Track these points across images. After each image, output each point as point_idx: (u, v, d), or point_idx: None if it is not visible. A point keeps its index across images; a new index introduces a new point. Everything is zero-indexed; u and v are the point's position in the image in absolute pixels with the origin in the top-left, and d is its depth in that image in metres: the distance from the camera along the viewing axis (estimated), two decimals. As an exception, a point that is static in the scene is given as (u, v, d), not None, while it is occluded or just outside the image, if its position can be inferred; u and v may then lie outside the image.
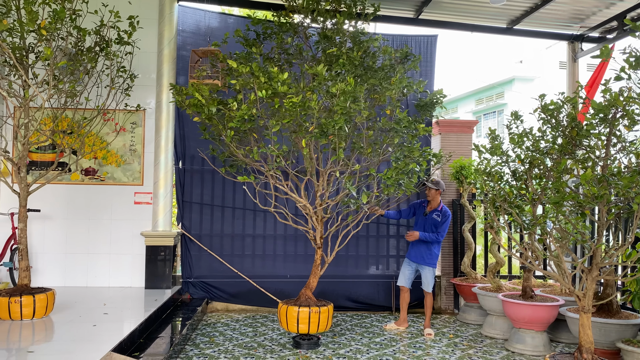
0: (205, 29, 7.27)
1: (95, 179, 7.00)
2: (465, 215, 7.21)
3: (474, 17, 7.56)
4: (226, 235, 7.29)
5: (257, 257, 7.32)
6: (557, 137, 4.16)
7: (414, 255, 6.34)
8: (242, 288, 7.14)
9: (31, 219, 6.62)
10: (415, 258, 6.32)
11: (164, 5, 6.93)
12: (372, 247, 7.46)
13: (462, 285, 6.86)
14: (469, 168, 6.90)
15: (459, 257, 7.32)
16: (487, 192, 4.59)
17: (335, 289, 7.19)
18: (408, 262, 6.41)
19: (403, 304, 6.47)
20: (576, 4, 6.97)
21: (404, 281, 6.41)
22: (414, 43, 7.54)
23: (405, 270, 6.42)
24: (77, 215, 6.95)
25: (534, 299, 5.71)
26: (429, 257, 6.24)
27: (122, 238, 6.99)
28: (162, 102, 6.89)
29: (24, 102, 5.06)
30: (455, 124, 7.67)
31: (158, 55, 6.95)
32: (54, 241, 6.91)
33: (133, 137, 7.06)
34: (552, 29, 7.83)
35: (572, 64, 7.86)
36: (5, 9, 4.95)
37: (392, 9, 7.44)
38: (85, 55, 5.45)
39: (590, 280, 4.30)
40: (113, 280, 6.96)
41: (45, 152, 6.89)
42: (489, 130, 4.78)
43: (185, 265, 7.17)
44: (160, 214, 6.89)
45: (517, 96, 23.95)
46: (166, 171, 6.93)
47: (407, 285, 6.40)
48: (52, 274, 6.87)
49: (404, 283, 6.41)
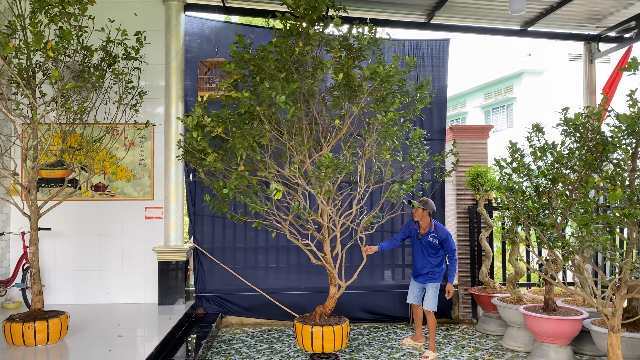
0: (214, 39, 7.14)
1: (105, 195, 6.91)
2: (482, 223, 7.06)
3: (487, 20, 7.39)
4: (239, 247, 7.18)
5: (271, 270, 7.21)
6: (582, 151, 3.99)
7: (418, 274, 6.04)
8: (256, 301, 7.04)
9: (42, 237, 6.56)
10: (419, 278, 6.04)
11: (171, 17, 6.81)
12: (387, 257, 7.33)
13: (480, 295, 6.72)
14: (485, 175, 6.75)
15: (477, 265, 7.18)
16: (509, 207, 4.44)
17: (351, 301, 7.06)
18: (414, 281, 6.14)
19: (417, 320, 6.26)
20: (593, 5, 6.78)
21: (412, 299, 6.15)
22: (426, 47, 7.37)
23: (414, 288, 6.15)
24: (88, 232, 6.88)
25: (556, 312, 5.56)
26: (433, 273, 5.93)
27: (134, 254, 6.91)
28: (171, 115, 6.78)
29: (32, 124, 4.97)
30: (469, 130, 7.51)
31: (166, 68, 6.84)
32: (66, 258, 6.84)
33: (142, 151, 6.97)
34: (568, 30, 7.63)
35: (588, 65, 7.65)
36: (11, 30, 4.85)
37: (403, 14, 7.28)
38: (92, 74, 5.34)
39: (619, 299, 4.15)
40: (126, 296, 6.88)
41: (54, 168, 6.81)
42: (509, 144, 4.63)
43: (198, 280, 7.07)
44: (172, 228, 6.79)
45: (526, 90, 23.68)
46: (177, 185, 6.83)
47: (416, 302, 6.13)
48: (64, 292, 6.81)
49: (413, 301, 6.15)
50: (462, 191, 7.26)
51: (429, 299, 5.90)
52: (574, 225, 4.45)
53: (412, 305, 6.23)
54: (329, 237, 5.57)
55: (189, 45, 7.07)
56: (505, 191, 4.33)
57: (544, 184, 4.52)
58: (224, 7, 7.19)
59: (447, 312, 7.25)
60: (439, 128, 7.34)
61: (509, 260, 6.45)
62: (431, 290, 5.91)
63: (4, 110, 4.70)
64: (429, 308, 5.87)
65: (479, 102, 27.16)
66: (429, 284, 5.95)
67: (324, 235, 5.56)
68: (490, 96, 26.47)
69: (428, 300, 5.90)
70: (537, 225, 4.18)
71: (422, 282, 6.02)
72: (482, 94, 27.13)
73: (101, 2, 6.73)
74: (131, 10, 6.77)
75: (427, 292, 5.95)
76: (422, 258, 5.99)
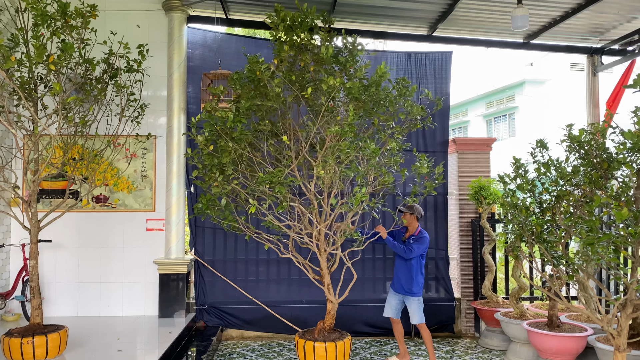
0: (216, 50, 7.13)
1: (106, 206, 6.89)
2: (485, 236, 7.02)
3: (489, 33, 7.38)
4: (240, 259, 7.14)
5: (272, 282, 7.16)
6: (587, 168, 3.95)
7: (397, 284, 5.79)
8: (257, 314, 6.99)
9: (43, 248, 6.52)
10: (398, 288, 5.78)
11: (173, 29, 6.81)
12: (389, 269, 7.27)
13: (483, 310, 6.66)
14: (488, 188, 6.71)
15: (479, 279, 7.12)
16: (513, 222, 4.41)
17: (352, 314, 7.01)
18: (392, 292, 5.91)
19: (398, 335, 5.92)
20: (596, 19, 6.76)
21: (390, 312, 5.85)
22: (428, 60, 7.36)
23: (392, 301, 5.85)
24: (89, 244, 6.85)
25: (560, 328, 5.50)
26: (411, 285, 5.65)
27: (135, 266, 6.87)
28: (172, 127, 6.77)
29: (33, 137, 4.95)
30: (472, 142, 7.48)
31: (168, 79, 6.83)
32: (66, 270, 6.81)
33: (144, 162, 6.95)
34: (571, 42, 7.61)
35: (591, 78, 7.63)
36: (13, 43, 4.85)
37: (406, 27, 7.27)
38: (94, 87, 5.33)
39: (625, 318, 4.10)
40: (126, 309, 6.83)
41: (55, 180, 6.78)
42: (513, 159, 4.60)
43: (199, 292, 7.02)
44: (172, 240, 6.76)
45: (528, 99, 23.67)
46: (178, 196, 6.80)
47: (394, 316, 5.88)
48: (64, 304, 6.77)
49: (391, 314, 5.84)
50: (464, 204, 7.22)
51: (413, 312, 5.68)
52: (577, 240, 4.41)
53: (392, 320, 5.93)
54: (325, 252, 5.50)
55: (192, 56, 7.06)
56: (509, 207, 4.29)
57: (548, 200, 4.48)
58: (226, 19, 7.19)
59: (449, 326, 7.19)
60: (441, 140, 7.31)
61: (512, 275, 6.40)
62: (413, 304, 5.69)
63: (4, 123, 4.68)
64: (417, 321, 5.66)
65: (481, 111, 27.14)
66: (409, 297, 5.71)
67: (320, 250, 5.51)
68: (492, 105, 26.45)
69: (413, 315, 5.69)
70: (542, 242, 4.14)
71: (401, 292, 5.76)
72: (484, 103, 27.11)
73: (104, 14, 6.73)
74: (134, 22, 6.77)
75: (409, 308, 5.73)
76: (401, 264, 5.75)
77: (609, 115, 4.38)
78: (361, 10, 6.78)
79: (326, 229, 5.33)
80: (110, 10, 6.84)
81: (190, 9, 6.90)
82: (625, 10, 6.46)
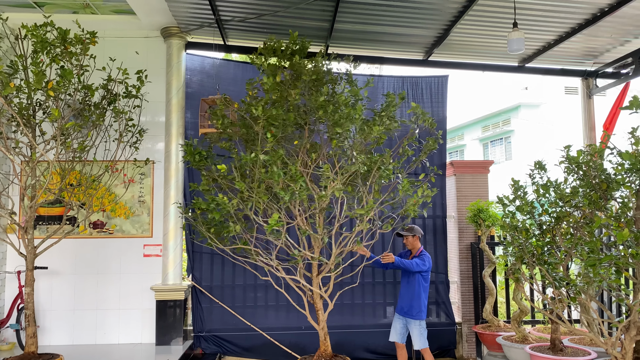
0: (214, 75, 7.18)
1: (103, 232, 6.84)
2: (484, 259, 6.98)
3: (484, 57, 7.46)
4: (238, 285, 7.06)
5: (270, 308, 7.07)
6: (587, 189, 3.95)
7: (400, 307, 5.79)
8: (256, 341, 6.87)
9: (38, 275, 6.43)
10: (400, 311, 5.77)
11: (172, 55, 6.87)
12: (389, 294, 7.20)
13: (485, 334, 6.57)
14: (487, 211, 6.70)
15: (480, 303, 7.05)
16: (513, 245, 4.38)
17: (353, 340, 6.91)
18: (397, 316, 5.86)
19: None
20: (589, 42, 6.86)
21: (395, 336, 5.80)
22: (424, 84, 7.43)
23: (397, 325, 5.81)
24: (86, 270, 6.77)
25: (564, 352, 5.41)
26: (412, 307, 5.63)
27: (132, 292, 6.79)
28: (171, 152, 6.77)
29: (31, 163, 4.94)
30: (470, 165, 7.51)
31: (166, 105, 6.85)
32: (62, 297, 6.72)
33: (142, 187, 6.93)
34: (565, 66, 7.70)
35: (586, 100, 7.69)
36: (13, 70, 4.87)
37: (402, 52, 7.36)
38: (93, 112, 5.35)
39: (629, 341, 4.05)
40: (123, 336, 6.73)
41: (53, 206, 6.74)
42: (511, 181, 4.60)
43: (197, 319, 6.93)
44: (170, 266, 6.69)
45: (523, 123, 23.84)
46: (176, 222, 6.75)
47: (400, 340, 5.81)
48: (60, 332, 6.66)
49: (396, 338, 5.79)
50: (464, 227, 7.19)
51: (416, 337, 5.63)
52: (578, 262, 4.38)
53: (396, 345, 5.85)
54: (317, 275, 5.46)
55: (190, 82, 7.11)
56: (509, 229, 4.27)
57: (547, 222, 4.47)
58: (224, 46, 7.26)
59: (450, 351, 7.09)
60: (439, 163, 7.32)
61: (513, 298, 6.33)
62: (415, 329, 5.63)
63: (2, 149, 4.68)
64: (419, 346, 5.61)
65: (477, 134, 27.31)
66: (410, 321, 5.66)
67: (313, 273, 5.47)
68: (488, 129, 26.62)
69: (415, 340, 5.64)
70: (542, 264, 4.11)
71: (403, 315, 5.73)
72: (480, 127, 27.29)
73: (103, 41, 6.78)
74: (132, 48, 6.84)
75: (411, 332, 5.68)
76: (405, 286, 5.75)
77: (606, 137, 4.40)
78: (358, 36, 6.86)
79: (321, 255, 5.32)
80: (109, 37, 6.90)
81: (189, 35, 6.97)
82: (619, 34, 6.55)
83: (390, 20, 6.27)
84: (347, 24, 6.44)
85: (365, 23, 6.40)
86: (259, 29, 6.81)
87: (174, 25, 6.79)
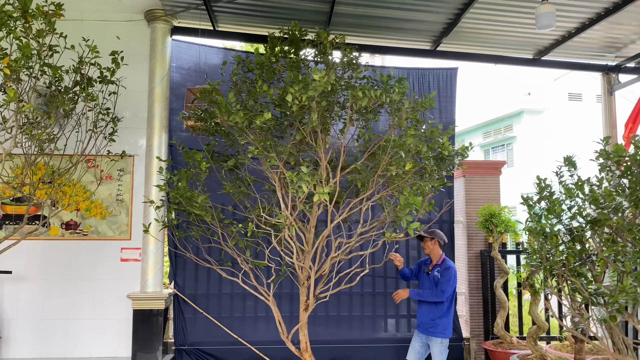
0: (202, 64, 6.58)
1: (77, 234, 6.20)
2: (496, 268, 6.35)
3: (497, 48, 6.87)
4: (224, 294, 6.43)
5: (260, 320, 6.44)
6: (635, 188, 3.32)
7: (419, 322, 5.17)
8: (243, 356, 6.22)
9: (2, 280, 5.83)
10: (421, 328, 5.13)
11: (156, 40, 6.26)
12: (390, 305, 6.57)
13: (496, 352, 5.95)
14: (499, 215, 6.09)
15: (490, 316, 6.43)
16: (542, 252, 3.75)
17: (351, 356, 6.30)
18: (416, 333, 5.23)
19: None
20: (612, 31, 6.27)
21: (412, 355, 5.18)
22: (432, 77, 6.84)
23: (415, 344, 5.19)
24: (56, 275, 6.13)
25: (589, 375, 4.81)
26: (436, 326, 5.00)
27: (107, 300, 6.15)
28: (152, 146, 6.14)
29: (-15, 153, 4.31)
30: (480, 165, 6.94)
31: (149, 95, 6.24)
32: (29, 305, 6.06)
33: (120, 185, 6.29)
34: (584, 59, 7.11)
35: (607, 97, 7.10)
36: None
37: (408, 41, 6.75)
38: (62, 99, 4.71)
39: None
40: (96, 349, 6.08)
41: (21, 204, 6.11)
42: (536, 179, 3.99)
43: (179, 330, 6.29)
44: (149, 272, 6.05)
45: (526, 129, 23.31)
46: (157, 223, 6.12)
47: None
48: (25, 343, 6.00)
49: (413, 357, 5.18)
50: (473, 233, 6.58)
51: (436, 356, 4.98)
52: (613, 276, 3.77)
53: None
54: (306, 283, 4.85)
55: (175, 70, 6.51)
56: (537, 235, 3.64)
57: (579, 227, 3.85)
58: (214, 31, 6.66)
59: (457, 370, 6.45)
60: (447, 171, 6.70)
61: (530, 312, 5.69)
62: (435, 347, 4.98)
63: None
64: None
65: (479, 140, 26.76)
66: (432, 338, 5.01)
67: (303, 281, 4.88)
68: (490, 135, 26.09)
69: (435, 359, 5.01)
70: (576, 277, 3.48)
71: (424, 332, 5.08)
72: (482, 133, 26.76)
73: (80, 24, 6.24)
74: (113, 32, 6.22)
75: (432, 352, 5.04)
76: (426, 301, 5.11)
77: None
78: (359, 22, 6.26)
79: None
80: (87, 20, 6.31)
81: (175, 19, 6.38)
82: (645, 23, 5.98)
83: (396, 2, 5.67)
84: (349, 7, 5.84)
85: (368, 6, 5.80)
86: (251, 13, 6.21)
87: (158, 7, 6.20)
